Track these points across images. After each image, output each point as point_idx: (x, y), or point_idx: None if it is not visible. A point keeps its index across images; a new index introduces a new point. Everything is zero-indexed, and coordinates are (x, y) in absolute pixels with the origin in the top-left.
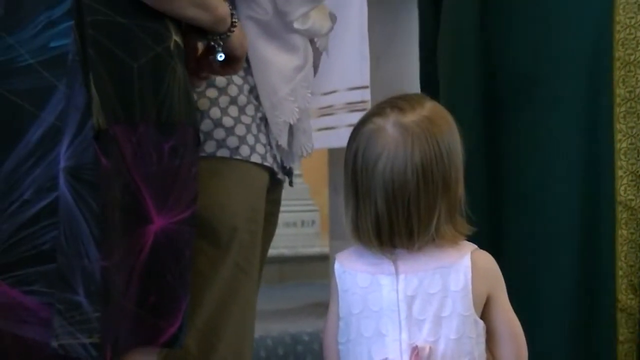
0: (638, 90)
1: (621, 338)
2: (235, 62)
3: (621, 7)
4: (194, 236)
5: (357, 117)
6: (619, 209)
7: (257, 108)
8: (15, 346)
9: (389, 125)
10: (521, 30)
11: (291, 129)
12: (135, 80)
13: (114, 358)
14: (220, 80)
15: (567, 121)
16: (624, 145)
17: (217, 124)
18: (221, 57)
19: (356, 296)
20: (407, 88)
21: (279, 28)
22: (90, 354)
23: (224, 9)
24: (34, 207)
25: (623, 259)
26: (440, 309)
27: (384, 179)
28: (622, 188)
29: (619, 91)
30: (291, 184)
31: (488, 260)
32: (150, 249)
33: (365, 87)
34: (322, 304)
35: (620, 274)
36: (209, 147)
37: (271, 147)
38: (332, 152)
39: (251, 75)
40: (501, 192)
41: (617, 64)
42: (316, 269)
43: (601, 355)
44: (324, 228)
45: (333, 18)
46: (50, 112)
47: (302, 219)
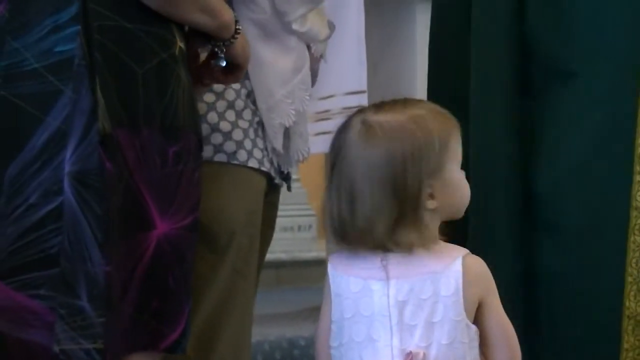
0: None
1: (626, 345)
2: (237, 70)
3: None
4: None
5: None
6: (633, 214)
7: (255, 112)
8: (20, 350)
9: (357, 122)
10: (559, 20)
11: (287, 133)
12: (140, 86)
13: None
14: (217, 84)
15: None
16: None
17: (215, 128)
18: (224, 63)
19: (348, 301)
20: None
21: (277, 29)
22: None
23: (229, 15)
24: (40, 211)
25: (634, 265)
26: (432, 315)
27: (340, 175)
28: (639, 194)
29: None
30: (289, 188)
31: (479, 265)
32: (152, 254)
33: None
34: (319, 308)
35: (630, 280)
36: (207, 151)
37: (268, 152)
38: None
39: (249, 79)
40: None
41: None
42: (313, 274)
43: None
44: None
45: (331, 27)
46: (55, 117)
47: (299, 223)
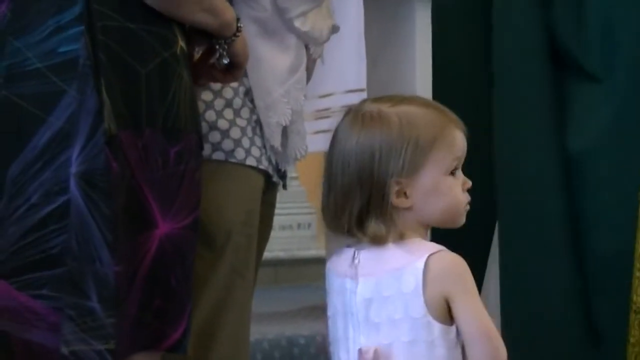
0: None
1: (632, 340)
2: (236, 69)
3: None
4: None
5: None
6: None
7: (252, 111)
8: (24, 350)
9: (352, 111)
10: (587, 13)
11: (285, 131)
12: (142, 86)
13: None
14: (215, 83)
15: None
16: None
17: (213, 126)
18: (227, 61)
19: (332, 297)
20: (404, 90)
21: (276, 27)
22: None
23: (230, 13)
24: (42, 211)
25: None
26: (394, 312)
27: (327, 161)
28: None
29: None
30: (285, 186)
31: (447, 263)
32: (154, 254)
33: (362, 90)
34: (318, 306)
35: (638, 275)
36: (205, 149)
37: (266, 150)
38: None
39: (247, 77)
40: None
41: None
42: (312, 272)
43: (611, 356)
44: (320, 231)
45: (335, 29)
46: (58, 117)
47: (298, 221)
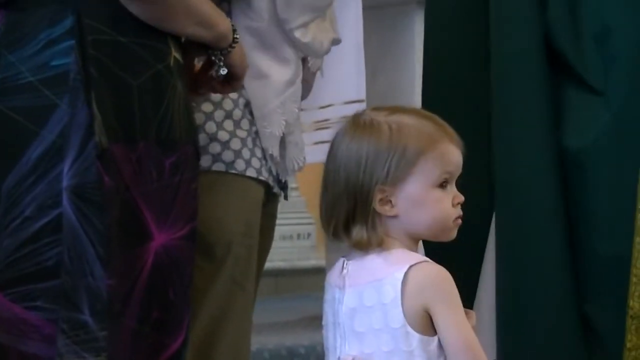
0: None
1: (629, 345)
2: (235, 80)
3: None
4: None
5: None
6: (638, 216)
7: (252, 122)
8: None
9: (348, 120)
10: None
11: (283, 142)
12: (135, 99)
13: None
14: (215, 94)
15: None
16: None
17: (213, 138)
18: (225, 71)
19: (326, 307)
20: (403, 101)
21: (274, 38)
22: None
23: (225, 25)
24: (35, 224)
25: (639, 265)
26: (375, 322)
27: (324, 168)
28: None
29: None
30: (286, 197)
31: (426, 274)
32: (152, 266)
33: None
34: (318, 316)
35: (635, 280)
36: (205, 161)
37: (267, 161)
38: None
39: (245, 89)
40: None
41: None
42: (312, 282)
43: None
44: (319, 241)
45: (336, 42)
46: (50, 130)
47: (298, 232)
